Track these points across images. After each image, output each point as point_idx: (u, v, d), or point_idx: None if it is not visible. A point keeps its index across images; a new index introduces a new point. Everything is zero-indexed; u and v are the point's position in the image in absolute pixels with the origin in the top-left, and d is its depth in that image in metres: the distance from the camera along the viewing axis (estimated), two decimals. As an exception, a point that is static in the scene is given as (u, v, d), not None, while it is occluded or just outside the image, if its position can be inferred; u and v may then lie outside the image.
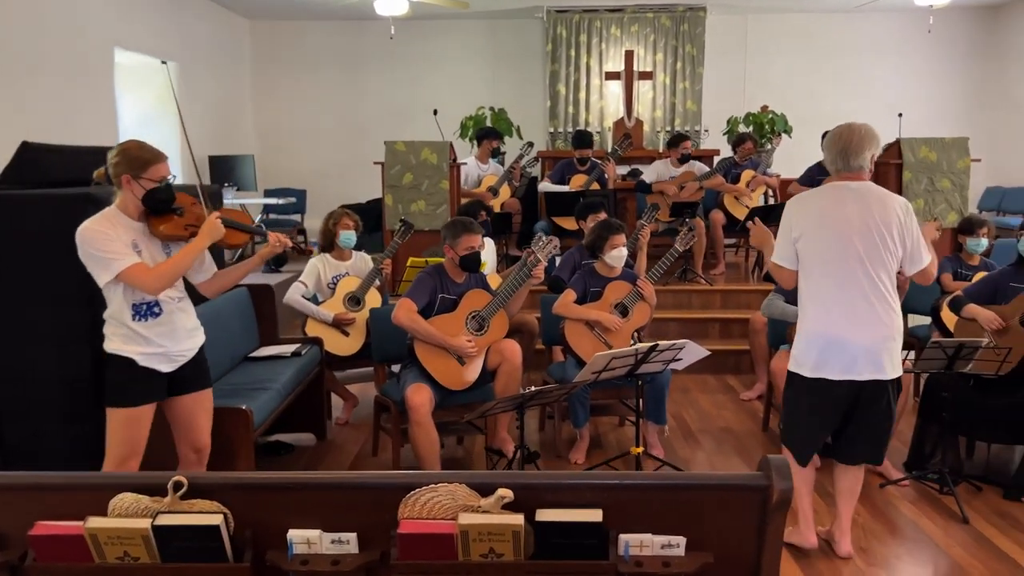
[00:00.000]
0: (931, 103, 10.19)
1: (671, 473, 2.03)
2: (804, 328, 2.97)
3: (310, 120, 10.23)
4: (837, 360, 2.86)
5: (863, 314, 2.85)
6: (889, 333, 2.88)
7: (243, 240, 2.92)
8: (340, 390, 4.89)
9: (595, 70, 9.53)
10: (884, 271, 2.87)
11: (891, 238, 2.87)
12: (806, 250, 2.92)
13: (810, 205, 2.97)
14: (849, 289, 2.85)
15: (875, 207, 2.88)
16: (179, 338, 2.80)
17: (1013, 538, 3.29)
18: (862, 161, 2.92)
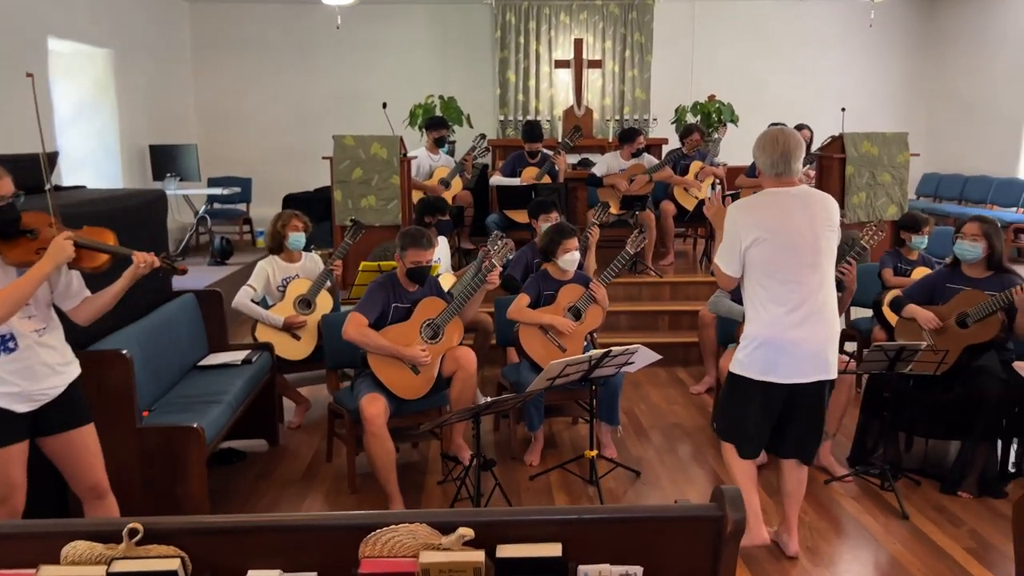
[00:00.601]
0: (872, 92, 10.43)
1: (628, 506, 2.07)
2: (753, 333, 2.99)
3: (255, 107, 10.00)
4: (786, 363, 2.92)
5: (813, 317, 2.91)
6: (834, 333, 2.99)
7: (103, 261, 2.64)
8: (292, 394, 4.83)
9: (544, 58, 9.50)
10: (829, 272, 2.97)
11: (832, 240, 2.98)
12: (756, 258, 2.94)
13: (758, 214, 2.96)
14: (800, 294, 2.90)
15: (819, 212, 2.96)
16: (39, 376, 2.54)
17: (949, 533, 3.44)
18: (799, 164, 2.99)
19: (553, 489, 3.91)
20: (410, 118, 8.71)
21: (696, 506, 1.89)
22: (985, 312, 3.82)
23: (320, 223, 8.60)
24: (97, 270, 2.66)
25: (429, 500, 3.80)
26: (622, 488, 3.94)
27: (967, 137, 9.93)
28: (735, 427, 3.14)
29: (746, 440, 3.11)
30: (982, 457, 3.84)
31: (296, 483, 4.01)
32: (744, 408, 3.07)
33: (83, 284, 2.74)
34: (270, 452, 4.40)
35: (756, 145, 3.01)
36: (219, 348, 4.39)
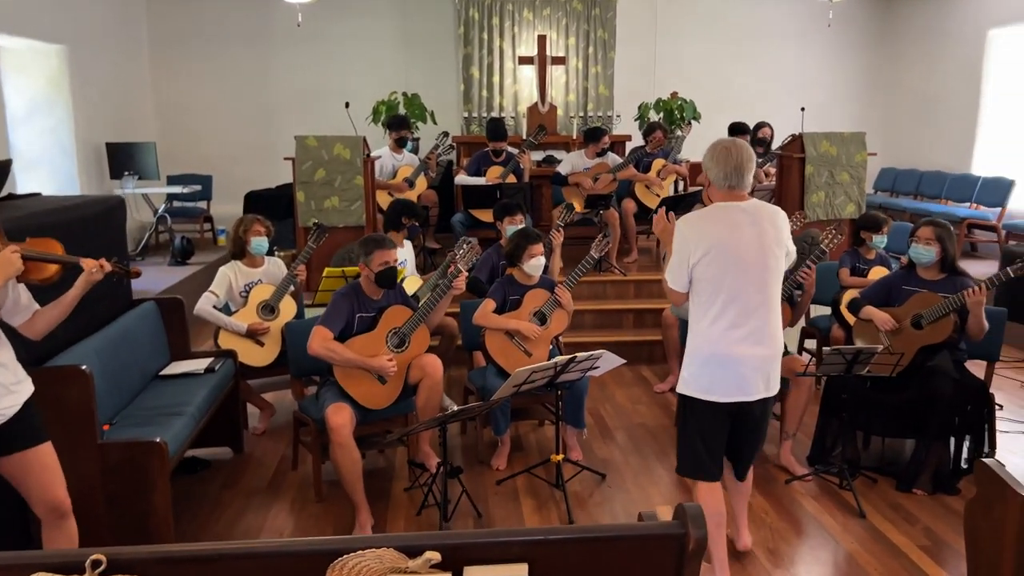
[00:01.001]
0: (831, 88, 10.60)
1: (593, 525, 2.10)
2: (697, 348, 2.91)
3: (214, 103, 9.83)
4: (729, 381, 2.85)
5: (757, 334, 2.85)
6: (778, 351, 2.94)
7: (53, 272, 2.61)
8: (256, 400, 4.80)
9: (508, 54, 9.48)
10: (776, 289, 2.91)
11: (780, 255, 2.91)
12: (704, 274, 2.85)
13: (707, 228, 2.86)
14: (745, 311, 2.84)
15: (769, 229, 2.88)
16: None
17: (904, 531, 3.54)
18: (751, 177, 2.91)
19: (520, 494, 3.94)
20: (373, 115, 8.65)
21: (659, 524, 1.92)
22: (939, 314, 3.92)
23: (283, 221, 8.53)
24: (47, 281, 2.62)
25: (396, 507, 3.80)
26: (588, 491, 3.98)
27: (922, 133, 10.14)
28: (691, 453, 2.99)
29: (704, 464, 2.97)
30: (936, 455, 3.95)
31: (262, 492, 3.98)
32: (697, 429, 2.95)
33: (31, 298, 2.69)
34: (235, 460, 4.37)
35: (707, 156, 2.90)
36: (181, 356, 4.34)
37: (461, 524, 3.62)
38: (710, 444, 2.96)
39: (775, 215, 2.95)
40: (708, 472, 2.98)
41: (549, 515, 3.72)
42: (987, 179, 8.62)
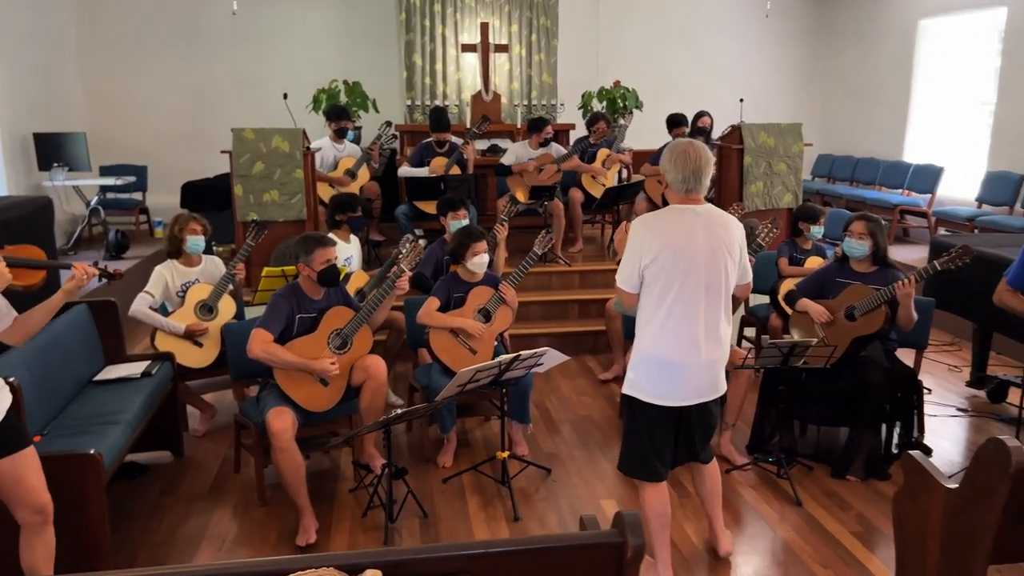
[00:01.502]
0: (769, 77, 10.79)
1: (533, 537, 2.12)
2: (644, 350, 2.93)
3: (147, 91, 9.54)
4: (674, 384, 2.89)
5: (703, 338, 2.88)
6: (725, 353, 2.99)
7: (39, 278, 2.63)
8: (196, 401, 4.70)
9: (451, 41, 9.39)
10: (725, 295, 2.93)
11: (732, 261, 2.93)
12: (654, 276, 2.87)
13: (660, 231, 2.88)
14: (693, 314, 2.86)
15: (720, 232, 2.90)
16: None
17: (838, 518, 3.66)
18: (708, 180, 2.93)
19: (466, 492, 3.95)
20: (313, 104, 8.50)
21: (598, 533, 1.95)
22: (871, 305, 4.04)
23: (222, 212, 8.34)
24: (32, 288, 2.65)
25: (341, 509, 3.78)
26: (534, 487, 4.01)
27: (857, 121, 10.40)
28: (635, 453, 3.02)
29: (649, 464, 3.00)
30: (868, 442, 4.08)
31: (203, 497, 3.92)
32: (642, 429, 2.98)
33: (9, 305, 2.67)
34: (174, 464, 4.29)
35: (665, 159, 2.90)
36: (116, 360, 4.23)
37: (407, 524, 3.62)
38: (655, 445, 2.99)
39: (728, 222, 2.97)
40: (652, 473, 3.01)
41: (495, 512, 3.74)
42: (918, 166, 8.88)
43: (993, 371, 5.33)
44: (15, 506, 2.67)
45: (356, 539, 3.52)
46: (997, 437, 2.39)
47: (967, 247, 3.86)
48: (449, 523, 3.65)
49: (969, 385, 5.33)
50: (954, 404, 5.07)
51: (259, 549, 3.44)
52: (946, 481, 2.64)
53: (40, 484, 2.70)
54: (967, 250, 3.85)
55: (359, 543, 3.49)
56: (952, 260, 3.85)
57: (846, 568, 3.26)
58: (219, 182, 8.81)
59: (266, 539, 3.52)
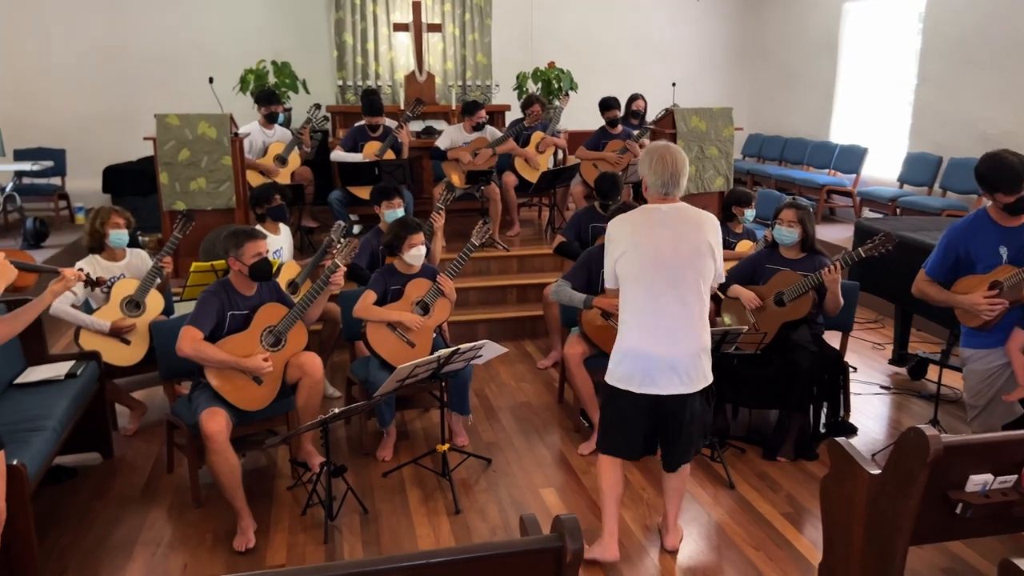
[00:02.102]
0: (700, 56, 10.92)
1: (475, 544, 2.13)
2: (622, 344, 3.06)
3: (64, 71, 9.10)
4: (645, 375, 2.99)
5: (674, 332, 2.97)
6: (698, 348, 3.03)
7: (31, 282, 2.66)
8: (125, 399, 4.56)
9: (383, 20, 9.21)
10: (696, 290, 3.00)
11: (703, 257, 3.00)
12: (624, 270, 3.01)
13: (630, 228, 3.02)
14: (660, 308, 2.97)
15: (690, 229, 2.99)
16: None
17: (769, 500, 3.78)
18: (686, 180, 3.06)
19: (407, 485, 3.94)
20: (241, 84, 8.25)
21: (538, 539, 1.97)
22: (799, 291, 4.16)
23: (147, 197, 8.08)
24: (24, 290, 2.57)
25: (280, 507, 3.73)
26: (474, 478, 4.03)
27: (786, 102, 10.62)
28: (610, 435, 3.17)
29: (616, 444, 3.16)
30: (797, 423, 4.22)
31: (135, 500, 3.82)
32: (617, 417, 3.13)
33: None
34: (104, 466, 4.16)
35: (643, 163, 3.02)
36: (38, 361, 4.06)
37: (347, 521, 3.60)
38: (627, 430, 3.12)
39: (701, 216, 3.06)
40: (620, 452, 3.18)
41: (436, 506, 3.75)
42: (844, 147, 9.14)
43: (914, 348, 5.56)
44: None
45: (296, 538, 3.48)
46: (917, 427, 2.50)
47: (889, 234, 4.00)
48: (390, 519, 3.64)
49: (891, 363, 5.55)
50: (877, 382, 5.27)
51: (195, 552, 3.37)
52: (870, 467, 2.75)
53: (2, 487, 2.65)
54: (889, 237, 3.99)
55: (299, 542, 3.45)
56: (876, 247, 3.98)
57: (777, 550, 3.37)
58: (143, 166, 8.51)
59: (202, 541, 3.46)
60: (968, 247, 3.41)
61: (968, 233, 3.41)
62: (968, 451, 2.58)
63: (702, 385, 3.09)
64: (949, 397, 4.81)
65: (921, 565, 3.22)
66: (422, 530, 3.55)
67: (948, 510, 2.64)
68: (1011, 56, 7.08)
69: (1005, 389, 3.42)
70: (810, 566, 3.24)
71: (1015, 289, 3.36)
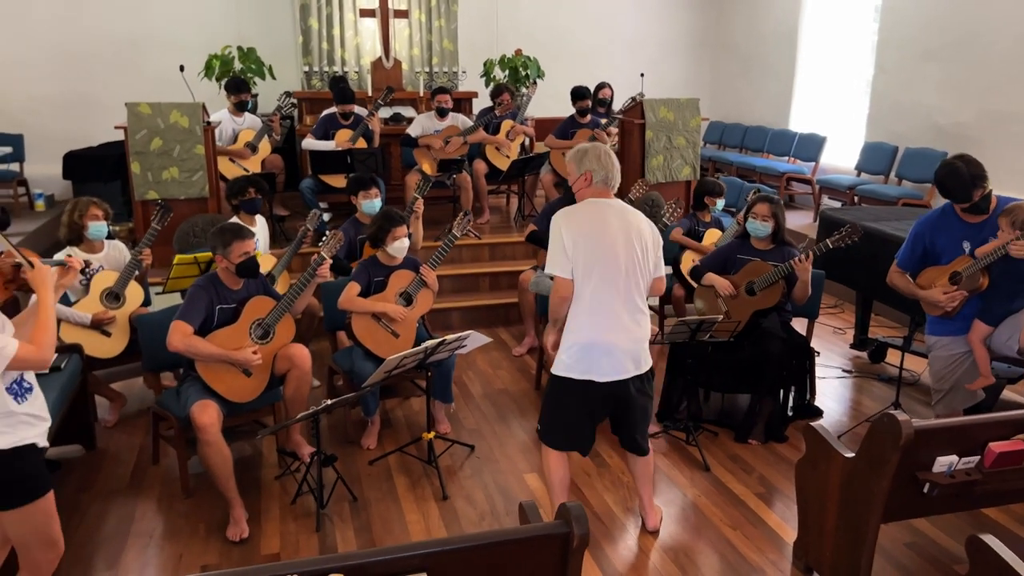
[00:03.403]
0: (663, 43, 11.06)
1: (485, 532, 2.23)
2: (571, 335, 3.12)
3: (18, 53, 8.85)
4: (604, 363, 3.09)
5: (625, 319, 3.10)
6: (643, 335, 3.19)
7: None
8: (105, 391, 4.56)
9: (348, 5, 9.13)
10: (642, 280, 3.15)
11: (644, 250, 3.15)
12: (576, 264, 3.07)
13: (578, 220, 3.10)
14: (613, 297, 3.08)
15: (633, 222, 3.14)
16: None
17: (742, 480, 3.96)
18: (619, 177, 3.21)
19: (393, 473, 4.03)
20: (206, 70, 8.14)
21: (545, 525, 2.09)
22: (769, 281, 4.33)
23: (108, 184, 7.96)
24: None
25: (269, 498, 3.79)
26: (459, 464, 4.13)
27: (747, 90, 10.83)
28: (555, 425, 3.24)
29: (565, 438, 3.24)
30: (768, 407, 4.41)
31: (122, 492, 3.84)
32: (563, 407, 3.20)
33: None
34: (88, 458, 4.17)
35: (583, 159, 3.13)
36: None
37: (337, 509, 3.68)
38: (577, 420, 3.21)
39: (639, 216, 3.21)
40: (564, 445, 3.27)
41: (423, 492, 3.84)
42: (803, 135, 9.38)
43: (874, 333, 5.80)
44: None
45: (287, 527, 3.55)
46: (890, 412, 2.67)
47: (855, 225, 4.17)
48: (379, 505, 3.73)
49: (852, 347, 5.78)
50: (839, 366, 5.50)
51: (188, 543, 3.42)
52: (844, 450, 2.93)
53: None
54: (856, 228, 4.16)
55: (291, 531, 3.52)
56: (843, 238, 4.15)
57: (752, 528, 3.55)
58: (104, 151, 8.37)
59: (195, 532, 3.51)
60: (934, 240, 3.60)
61: (935, 227, 3.60)
62: (936, 434, 2.76)
63: (646, 369, 3.23)
64: (907, 380, 5.05)
65: (887, 541, 3.41)
66: (412, 516, 3.64)
67: (916, 490, 2.82)
68: (965, 48, 7.35)
69: (968, 375, 3.63)
70: (785, 544, 3.41)
71: (972, 279, 3.57)
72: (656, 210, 6.43)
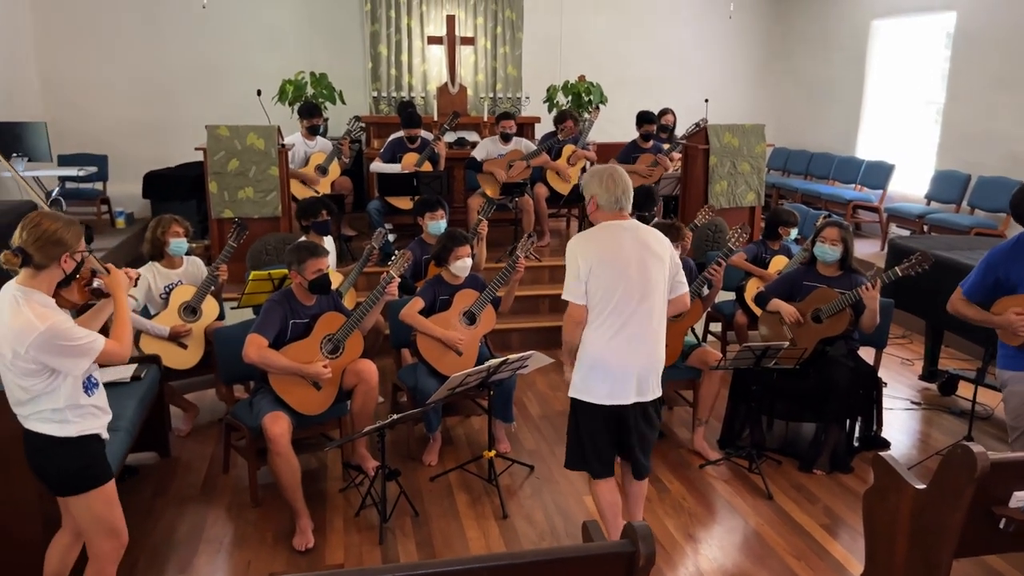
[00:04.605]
0: (729, 71, 11.04)
1: (551, 548, 2.25)
2: (585, 356, 3.12)
3: (107, 79, 9.32)
4: (611, 386, 3.08)
5: (636, 342, 3.08)
6: (658, 360, 3.17)
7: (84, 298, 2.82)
8: (179, 401, 4.73)
9: (416, 32, 9.39)
10: (662, 302, 3.16)
11: (662, 271, 3.15)
12: (594, 286, 3.07)
13: (595, 244, 3.12)
14: (625, 320, 3.07)
15: (652, 244, 3.14)
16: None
17: (807, 511, 3.89)
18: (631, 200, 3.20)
19: (454, 489, 4.08)
20: (280, 95, 8.44)
21: (611, 543, 2.10)
22: (836, 308, 4.27)
23: (184, 202, 8.29)
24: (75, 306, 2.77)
25: (333, 509, 3.88)
26: (518, 483, 4.16)
27: (812, 116, 10.72)
28: (578, 450, 3.22)
29: (590, 461, 3.21)
30: (833, 437, 4.33)
31: (194, 499, 3.98)
32: (583, 430, 3.18)
33: None
34: (162, 465, 4.33)
35: (594, 183, 3.15)
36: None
37: (399, 523, 3.74)
38: (595, 443, 3.19)
39: (656, 232, 3.22)
40: (592, 469, 3.23)
41: (483, 510, 3.88)
42: (870, 163, 9.22)
43: (944, 365, 5.64)
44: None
45: (351, 539, 3.63)
46: (964, 444, 2.61)
47: (926, 254, 4.10)
48: (440, 521, 3.78)
49: (922, 379, 5.64)
50: (907, 397, 5.37)
51: (257, 551, 3.52)
52: (915, 481, 2.86)
53: None
54: (926, 256, 4.09)
55: (355, 543, 3.59)
56: (912, 267, 4.08)
57: (818, 560, 3.48)
58: (182, 171, 8.73)
59: (263, 540, 3.61)
60: (1008, 270, 3.51)
61: (1008, 257, 3.51)
62: (1013, 468, 2.69)
63: (652, 397, 3.19)
64: (980, 414, 4.90)
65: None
66: (472, 533, 3.68)
67: (991, 525, 2.74)
68: (1041, 76, 7.16)
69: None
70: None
71: (1052, 310, 3.46)
72: (720, 235, 6.41)
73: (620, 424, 3.17)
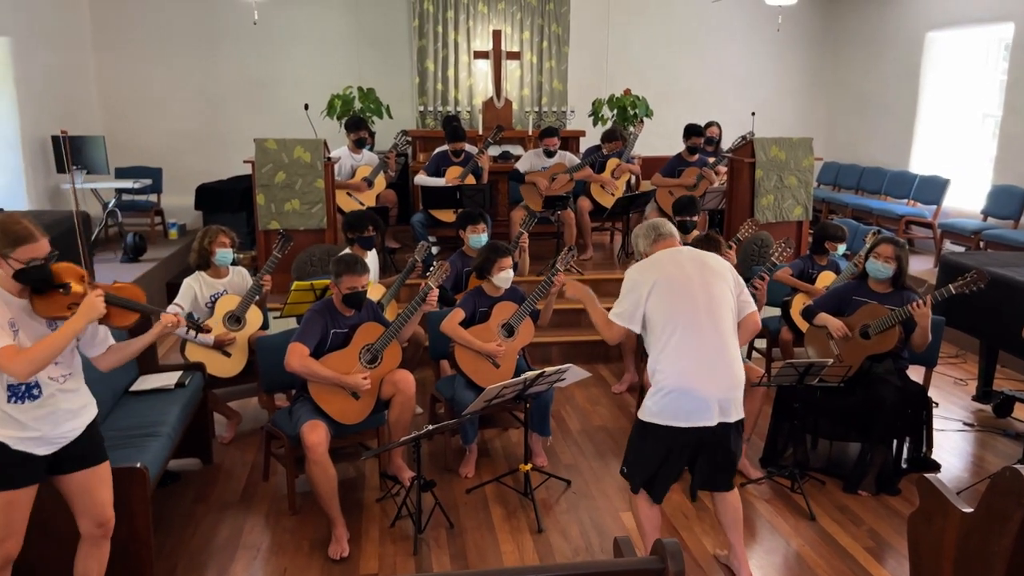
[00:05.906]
0: (777, 84, 10.89)
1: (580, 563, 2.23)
2: (661, 382, 3.05)
3: (162, 94, 9.61)
4: (692, 409, 3.02)
5: (714, 364, 3.03)
6: (738, 379, 3.10)
7: (132, 320, 2.77)
8: (223, 408, 4.82)
9: (463, 47, 9.49)
10: (731, 321, 3.11)
11: (727, 291, 3.13)
12: (656, 308, 3.05)
13: (655, 267, 3.13)
14: (700, 342, 3.03)
15: (711, 263, 3.16)
16: (59, 421, 2.66)
17: (851, 533, 3.78)
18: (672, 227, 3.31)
19: (489, 502, 4.07)
20: (328, 109, 8.59)
21: (640, 559, 2.07)
22: (886, 325, 4.16)
23: (235, 214, 8.47)
24: (123, 327, 2.80)
25: (369, 519, 3.90)
26: (554, 498, 4.13)
27: (864, 130, 10.50)
28: (645, 472, 3.17)
29: (656, 485, 3.18)
30: (880, 457, 4.20)
31: (234, 505, 4.03)
32: (655, 454, 3.12)
33: (108, 333, 2.88)
34: (204, 471, 4.40)
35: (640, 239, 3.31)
36: (149, 370, 4.34)
37: (433, 535, 3.74)
38: (664, 468, 3.14)
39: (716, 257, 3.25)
40: (656, 493, 3.20)
41: (519, 524, 3.86)
42: (924, 177, 8.99)
43: (999, 385, 5.45)
44: (81, 516, 2.82)
45: (386, 549, 3.64)
46: (1014, 467, 2.51)
47: (981, 272, 3.98)
48: (474, 534, 3.77)
49: (975, 399, 5.45)
50: (960, 418, 5.19)
51: (293, 558, 3.56)
52: (961, 505, 2.76)
53: (106, 498, 2.85)
54: (981, 274, 3.97)
55: (389, 552, 3.60)
56: (967, 284, 3.96)
57: (861, 583, 3.38)
58: (233, 184, 8.93)
59: (300, 548, 3.64)
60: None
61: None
62: (1065, 493, 2.57)
63: (739, 416, 3.14)
64: (1037, 437, 4.72)
65: (1011, 606, 3.18)
66: (506, 547, 3.66)
67: (1042, 551, 2.63)
68: (1105, 88, 6.91)
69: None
70: (895, 602, 3.24)
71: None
72: (766, 250, 6.30)
73: (684, 449, 3.11)
